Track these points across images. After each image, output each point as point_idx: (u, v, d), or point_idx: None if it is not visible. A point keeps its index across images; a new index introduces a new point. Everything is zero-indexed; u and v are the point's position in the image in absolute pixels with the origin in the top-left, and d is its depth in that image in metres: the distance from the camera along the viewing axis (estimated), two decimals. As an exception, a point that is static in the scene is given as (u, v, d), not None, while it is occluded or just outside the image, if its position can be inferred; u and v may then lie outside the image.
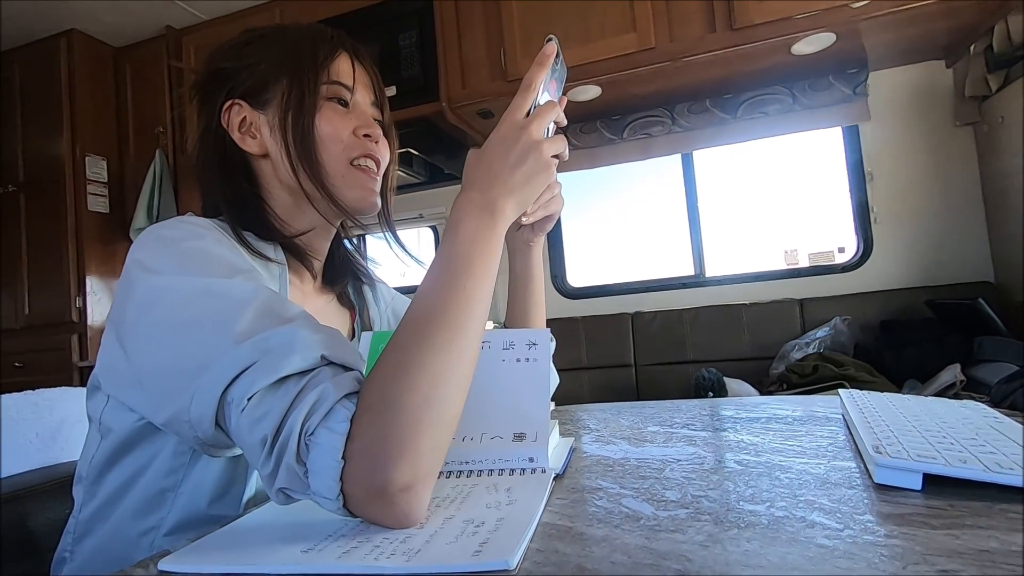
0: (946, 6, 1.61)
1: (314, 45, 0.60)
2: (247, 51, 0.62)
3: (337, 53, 0.61)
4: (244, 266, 0.50)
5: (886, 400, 0.61)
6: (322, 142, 0.59)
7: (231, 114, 0.60)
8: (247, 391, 0.39)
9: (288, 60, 0.60)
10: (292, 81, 0.59)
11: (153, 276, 0.47)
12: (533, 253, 0.72)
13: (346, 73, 0.61)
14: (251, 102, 0.60)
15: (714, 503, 0.39)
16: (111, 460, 0.53)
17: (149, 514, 0.52)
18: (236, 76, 0.61)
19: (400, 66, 2.13)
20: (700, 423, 0.67)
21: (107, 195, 2.65)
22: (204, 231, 0.52)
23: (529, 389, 0.54)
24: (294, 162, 0.58)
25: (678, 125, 2.25)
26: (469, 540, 0.35)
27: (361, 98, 0.63)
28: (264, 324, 0.42)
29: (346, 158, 0.60)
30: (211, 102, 0.62)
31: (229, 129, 0.60)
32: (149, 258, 0.48)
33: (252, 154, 0.61)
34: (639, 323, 2.28)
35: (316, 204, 0.60)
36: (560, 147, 0.50)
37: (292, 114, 0.58)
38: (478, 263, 0.44)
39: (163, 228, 0.52)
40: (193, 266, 0.47)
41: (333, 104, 0.60)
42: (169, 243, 0.50)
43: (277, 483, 0.38)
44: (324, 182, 0.59)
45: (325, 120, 0.59)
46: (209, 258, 0.48)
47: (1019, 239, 1.77)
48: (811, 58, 1.91)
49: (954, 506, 0.36)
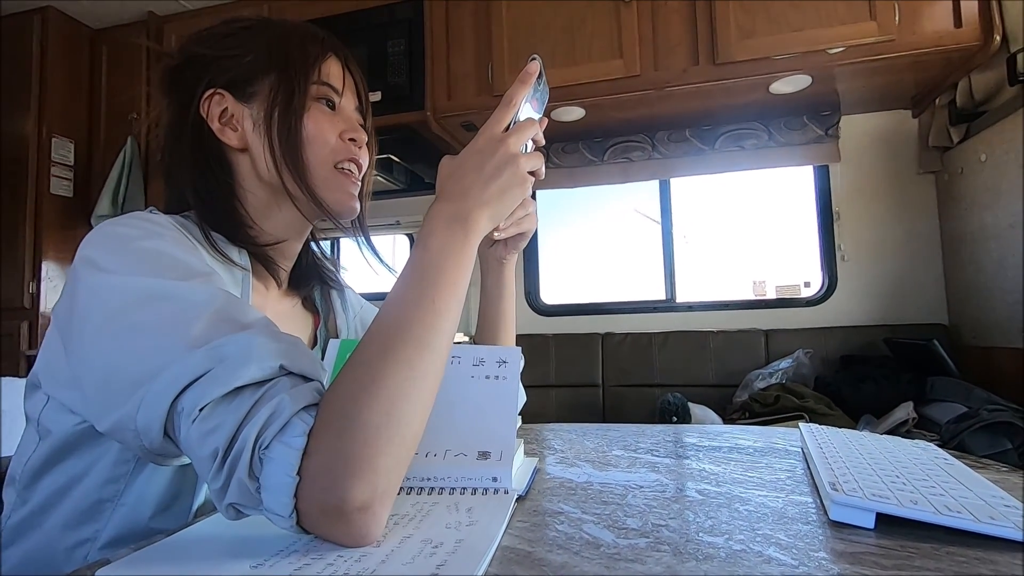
0: (914, 60, 1.69)
1: (304, 44, 0.59)
2: (231, 41, 0.60)
3: (327, 55, 0.60)
4: (203, 269, 0.47)
5: (844, 436, 0.63)
6: (308, 142, 0.58)
7: (211, 103, 0.58)
8: (199, 401, 0.37)
9: (277, 55, 0.58)
10: (281, 77, 0.57)
11: (103, 275, 0.44)
12: (505, 270, 0.71)
13: (336, 75, 0.61)
14: (235, 93, 0.58)
15: (674, 533, 0.39)
16: (47, 464, 0.50)
17: (84, 525, 0.49)
18: (218, 65, 0.59)
19: (387, 72, 2.13)
20: (664, 449, 0.67)
21: (72, 179, 2.56)
22: (162, 230, 0.49)
23: (496, 407, 0.54)
24: (277, 159, 0.57)
25: (658, 152, 2.30)
26: (426, 561, 0.34)
27: (347, 103, 0.63)
28: (220, 330, 0.40)
29: (331, 161, 0.59)
30: (186, 90, 0.59)
31: (208, 119, 0.58)
32: (100, 256, 0.45)
33: (230, 147, 0.59)
34: (609, 344, 2.30)
35: (297, 203, 0.59)
36: (537, 164, 0.50)
37: (280, 111, 0.57)
38: (448, 276, 0.43)
39: (117, 224, 0.49)
40: (146, 266, 0.45)
41: (321, 105, 0.60)
42: (122, 241, 0.47)
43: (227, 498, 0.37)
44: (307, 182, 0.58)
45: (313, 120, 0.58)
46: (165, 259, 0.46)
47: (972, 285, 1.85)
48: (788, 98, 1.98)
49: (904, 547, 0.36)
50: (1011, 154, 1.60)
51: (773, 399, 1.78)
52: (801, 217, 2.28)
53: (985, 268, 1.77)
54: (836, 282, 2.15)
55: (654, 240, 2.43)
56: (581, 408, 2.24)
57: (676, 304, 2.37)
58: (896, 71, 1.78)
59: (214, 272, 0.48)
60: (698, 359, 2.17)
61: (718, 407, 1.95)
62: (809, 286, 2.30)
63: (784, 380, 1.92)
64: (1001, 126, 1.65)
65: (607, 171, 2.38)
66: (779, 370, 1.96)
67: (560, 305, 2.53)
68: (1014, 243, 1.61)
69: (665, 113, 2.13)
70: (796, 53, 1.74)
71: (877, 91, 1.96)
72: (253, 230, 0.60)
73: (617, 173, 2.37)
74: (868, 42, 1.67)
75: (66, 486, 0.49)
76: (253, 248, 0.59)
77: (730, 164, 2.25)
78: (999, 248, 1.69)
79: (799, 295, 2.30)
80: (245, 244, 0.58)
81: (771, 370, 1.98)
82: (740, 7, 1.78)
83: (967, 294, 1.90)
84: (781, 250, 2.41)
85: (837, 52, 1.70)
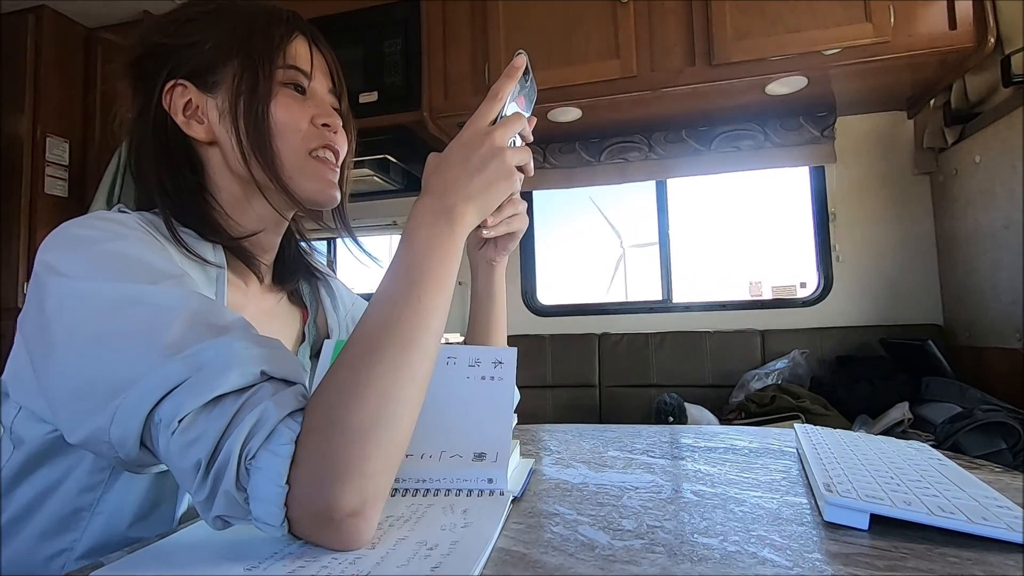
0: (909, 61, 1.70)
1: (268, 25, 0.56)
2: (191, 27, 0.56)
3: (293, 35, 0.57)
4: (173, 271, 0.45)
5: (838, 437, 0.63)
6: (278, 131, 0.55)
7: (174, 95, 0.55)
8: (177, 412, 0.35)
9: (239, 40, 0.55)
10: (245, 63, 0.54)
11: (67, 281, 0.42)
12: (496, 273, 0.69)
13: (303, 57, 0.57)
14: (197, 84, 0.55)
15: (669, 534, 0.39)
16: (21, 473, 0.48)
17: (60, 535, 0.47)
18: (179, 54, 0.55)
19: (383, 72, 2.12)
20: (659, 450, 0.67)
21: (67, 179, 2.54)
22: (126, 230, 0.47)
23: (492, 408, 0.53)
24: (246, 151, 0.54)
25: (654, 152, 2.30)
26: (421, 563, 0.34)
27: (319, 85, 0.59)
28: (196, 336, 0.38)
29: (304, 149, 0.56)
30: (149, 81, 0.56)
31: (172, 112, 0.55)
32: (61, 261, 0.43)
33: (198, 140, 0.56)
34: (605, 344, 2.30)
35: (269, 196, 0.56)
36: (524, 158, 0.49)
37: (244, 99, 0.54)
38: (434, 272, 0.42)
39: (77, 227, 0.46)
40: (113, 271, 0.42)
41: (289, 90, 0.56)
42: (84, 244, 0.44)
43: (215, 510, 0.36)
44: (279, 173, 0.55)
45: (281, 107, 0.55)
46: (131, 262, 0.43)
47: (966, 286, 1.86)
48: (784, 99, 1.98)
49: (897, 548, 0.37)
50: (1005, 155, 1.61)
51: (769, 399, 1.78)
52: (797, 218, 2.29)
53: (979, 269, 1.78)
54: (832, 283, 2.16)
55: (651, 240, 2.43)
56: (577, 409, 2.24)
57: (673, 304, 2.37)
58: (891, 72, 1.79)
59: (185, 273, 0.46)
60: (694, 359, 2.17)
61: (714, 407, 1.95)
62: (805, 287, 2.30)
63: (780, 380, 1.92)
64: (995, 127, 1.65)
65: (604, 172, 2.38)
66: (775, 370, 1.97)
67: (556, 305, 2.53)
68: (1008, 244, 1.61)
69: (661, 114, 2.13)
70: (792, 54, 1.74)
71: (873, 92, 1.97)
72: (227, 224, 0.57)
73: (614, 174, 2.37)
74: (863, 43, 1.68)
75: (41, 495, 0.48)
76: (227, 242, 0.57)
77: (726, 165, 2.25)
78: (993, 249, 1.70)
79: (795, 296, 2.31)
80: (219, 239, 0.56)
81: (767, 370, 1.98)
82: (736, 8, 1.78)
83: (962, 295, 1.91)
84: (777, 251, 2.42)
85: (833, 53, 1.70)
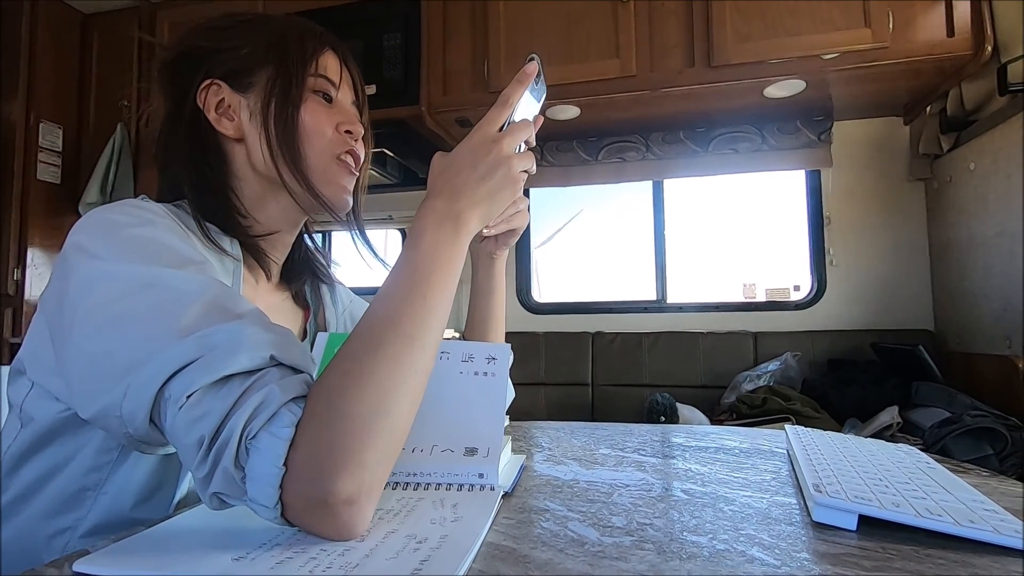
0: (907, 67, 1.71)
1: (302, 37, 0.60)
2: (229, 33, 0.60)
3: (325, 49, 0.61)
4: (195, 257, 0.47)
5: (828, 439, 0.63)
6: (305, 134, 0.58)
7: (208, 93, 0.58)
8: (186, 388, 0.37)
9: (275, 47, 0.59)
10: (279, 68, 0.58)
11: (94, 261, 0.44)
12: (496, 266, 0.71)
13: (333, 69, 0.61)
14: (232, 84, 0.59)
15: (658, 532, 0.39)
16: (29, 451, 0.49)
17: (65, 514, 0.48)
18: (216, 56, 0.59)
19: (382, 66, 2.11)
20: (651, 448, 0.67)
21: (60, 165, 2.52)
22: (155, 217, 0.49)
23: (484, 404, 0.53)
24: (274, 150, 0.57)
25: (652, 153, 2.31)
26: (410, 557, 0.34)
27: (344, 97, 0.63)
28: (211, 319, 0.40)
29: (330, 153, 0.60)
30: (184, 81, 0.59)
31: (205, 109, 0.58)
32: (91, 242, 0.45)
33: (226, 137, 0.59)
34: (599, 343, 2.30)
35: (294, 195, 0.59)
36: (528, 163, 0.50)
37: (276, 102, 0.57)
38: (438, 274, 0.44)
39: (109, 211, 0.49)
40: (138, 254, 0.44)
41: (318, 98, 0.60)
42: (115, 228, 0.46)
43: (212, 487, 0.36)
44: (304, 174, 0.58)
45: (310, 112, 0.59)
46: (157, 247, 0.46)
47: (958, 292, 1.88)
48: (781, 102, 1.99)
49: (885, 548, 0.37)
50: (1000, 164, 1.62)
51: (760, 401, 1.79)
52: (792, 221, 2.30)
53: (971, 276, 1.79)
54: (825, 286, 2.17)
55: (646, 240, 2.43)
56: (570, 406, 2.25)
57: (667, 305, 2.38)
58: (889, 78, 1.80)
59: (207, 261, 0.48)
60: (687, 360, 2.18)
61: (706, 408, 1.96)
62: (799, 290, 2.31)
63: (772, 382, 1.93)
64: (991, 135, 1.67)
65: (601, 171, 2.38)
66: (767, 372, 1.98)
67: (551, 303, 2.53)
68: (1000, 252, 1.63)
69: (660, 114, 2.13)
70: (791, 58, 1.75)
71: (870, 98, 1.98)
72: (246, 220, 0.60)
73: (611, 173, 2.37)
74: (862, 49, 1.68)
75: (48, 474, 0.49)
76: (245, 239, 0.59)
77: (723, 166, 2.26)
78: (985, 256, 1.71)
79: (788, 298, 2.32)
80: (237, 234, 0.58)
81: (759, 372, 1.99)
82: (736, 10, 1.79)
83: (953, 301, 1.92)
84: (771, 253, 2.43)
85: (831, 58, 1.71)
